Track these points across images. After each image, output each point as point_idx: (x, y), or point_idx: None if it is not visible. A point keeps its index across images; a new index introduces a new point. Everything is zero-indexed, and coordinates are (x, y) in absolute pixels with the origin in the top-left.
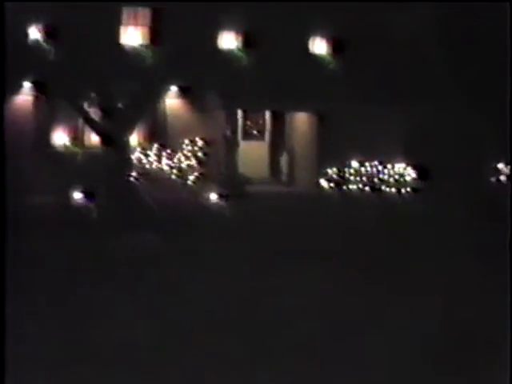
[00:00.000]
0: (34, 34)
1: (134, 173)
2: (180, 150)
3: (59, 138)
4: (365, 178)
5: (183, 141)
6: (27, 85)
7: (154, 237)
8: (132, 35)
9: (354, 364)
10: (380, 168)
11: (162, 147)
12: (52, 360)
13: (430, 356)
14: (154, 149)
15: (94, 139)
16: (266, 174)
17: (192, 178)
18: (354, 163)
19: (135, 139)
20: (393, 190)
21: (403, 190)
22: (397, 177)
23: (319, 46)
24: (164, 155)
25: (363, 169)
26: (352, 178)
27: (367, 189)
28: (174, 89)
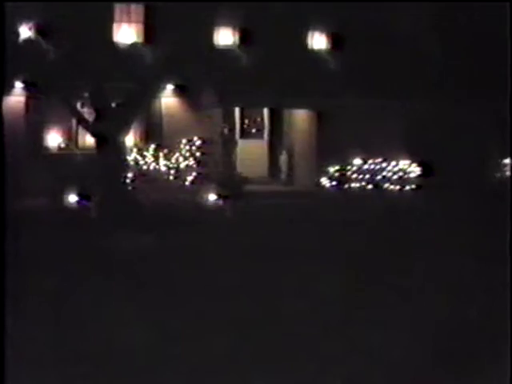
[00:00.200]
0: (25, 33)
1: (131, 174)
2: (177, 150)
3: (53, 140)
4: (367, 176)
5: (180, 140)
6: (19, 85)
7: (152, 239)
8: (126, 32)
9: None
10: (383, 165)
11: (159, 147)
12: (52, 360)
13: (434, 355)
14: (151, 149)
15: (89, 140)
16: (266, 173)
17: (190, 179)
18: (357, 161)
19: (131, 140)
20: (396, 188)
21: (407, 188)
22: (401, 174)
23: (318, 42)
24: (161, 155)
25: (366, 166)
26: (354, 176)
27: (370, 187)
28: (170, 87)
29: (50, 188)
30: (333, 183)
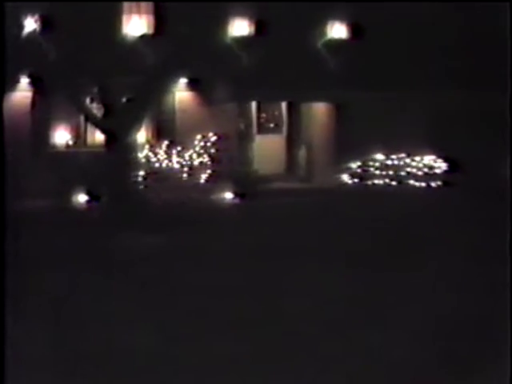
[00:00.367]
0: (31, 26)
1: (142, 172)
2: (191, 147)
3: (60, 137)
4: (391, 172)
5: (194, 137)
6: (24, 80)
7: (165, 239)
8: (136, 25)
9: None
10: (407, 160)
11: (172, 144)
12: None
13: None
14: (164, 146)
15: (98, 137)
16: (284, 170)
17: (204, 177)
18: (379, 156)
19: (143, 136)
20: (422, 184)
21: (433, 184)
22: (426, 170)
23: (337, 32)
24: (174, 153)
25: (389, 162)
26: (377, 172)
27: (394, 183)
28: (184, 81)
29: (58, 187)
30: (354, 180)
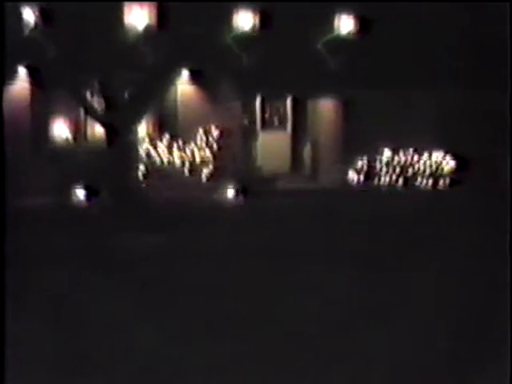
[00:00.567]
0: (30, 18)
1: (142, 167)
2: (193, 141)
3: (59, 131)
4: (398, 169)
5: (196, 131)
6: (23, 73)
7: (166, 238)
8: (137, 16)
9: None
10: (415, 158)
11: (173, 138)
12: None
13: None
14: (165, 140)
15: (98, 131)
16: (288, 168)
17: (206, 172)
18: (387, 152)
19: (143, 130)
20: (430, 182)
21: (441, 182)
22: (434, 168)
23: (344, 26)
24: (175, 147)
25: (396, 158)
26: (384, 170)
27: (401, 181)
28: (186, 73)
29: (58, 183)
30: (361, 178)
